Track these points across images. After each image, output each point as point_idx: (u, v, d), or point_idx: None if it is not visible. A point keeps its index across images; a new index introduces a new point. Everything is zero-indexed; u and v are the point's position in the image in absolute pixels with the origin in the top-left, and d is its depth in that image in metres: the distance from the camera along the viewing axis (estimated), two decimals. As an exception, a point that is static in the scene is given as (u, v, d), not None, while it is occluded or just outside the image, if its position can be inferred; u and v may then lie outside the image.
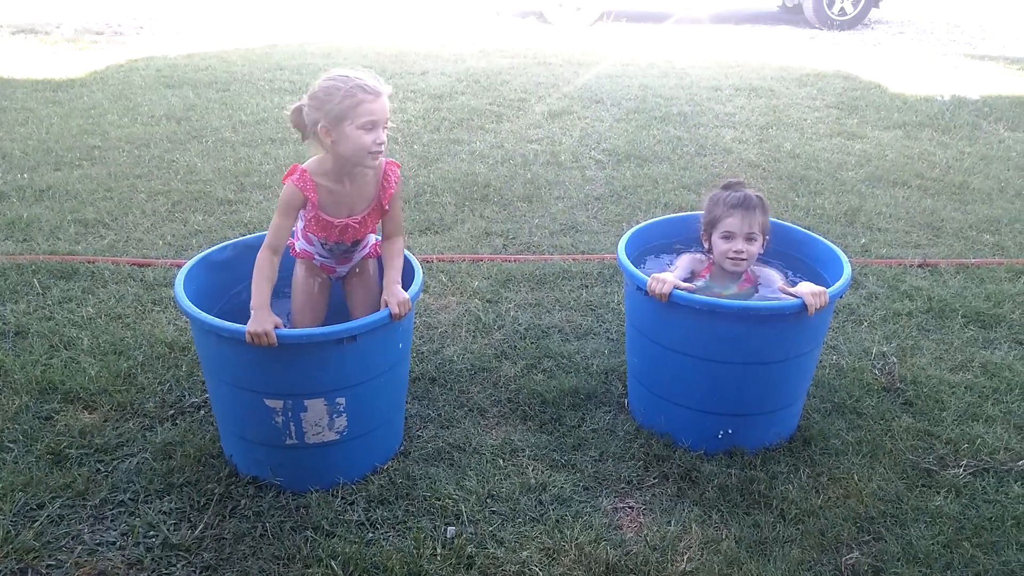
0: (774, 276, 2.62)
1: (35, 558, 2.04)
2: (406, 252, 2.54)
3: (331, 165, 2.32)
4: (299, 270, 2.54)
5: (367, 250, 2.57)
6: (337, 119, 2.20)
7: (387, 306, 2.23)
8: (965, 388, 2.88)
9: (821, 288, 2.33)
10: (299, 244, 2.52)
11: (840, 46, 10.31)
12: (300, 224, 2.47)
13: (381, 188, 2.41)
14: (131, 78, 7.16)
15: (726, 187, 2.65)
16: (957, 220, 4.46)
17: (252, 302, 2.19)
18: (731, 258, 2.58)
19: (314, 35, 9.92)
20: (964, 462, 2.50)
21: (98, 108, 6.15)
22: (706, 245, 2.67)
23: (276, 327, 2.09)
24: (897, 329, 3.26)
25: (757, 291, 2.60)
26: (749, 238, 2.57)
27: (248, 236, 2.69)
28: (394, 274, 2.38)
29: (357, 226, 2.42)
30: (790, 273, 2.76)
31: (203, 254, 2.53)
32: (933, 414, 2.73)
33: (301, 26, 10.67)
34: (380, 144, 2.25)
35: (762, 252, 2.64)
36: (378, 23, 11.20)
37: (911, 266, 3.82)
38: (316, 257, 2.52)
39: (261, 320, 2.11)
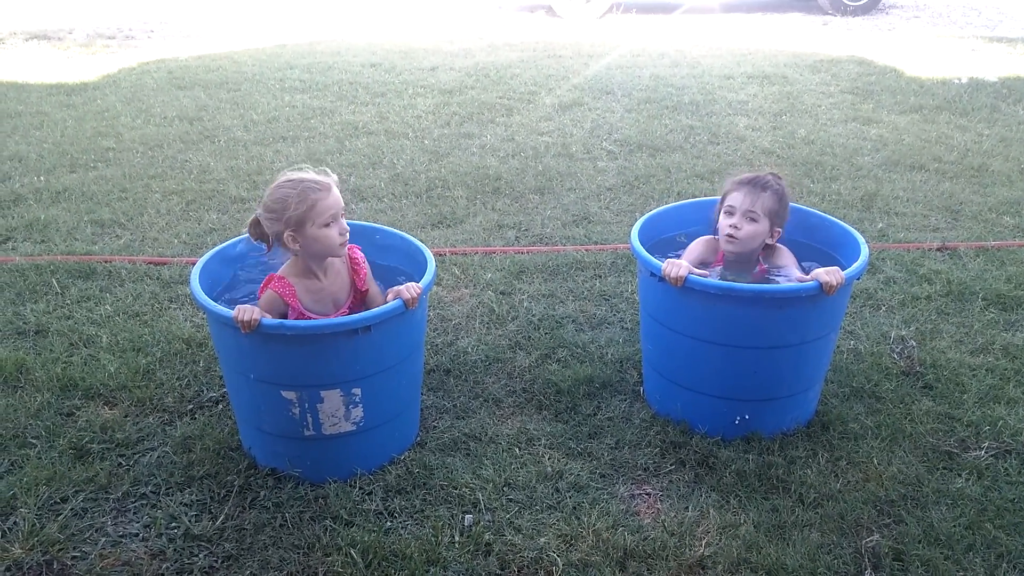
0: (788, 262, 2.59)
1: (60, 550, 2.07)
2: (419, 242, 2.56)
3: (303, 264, 2.37)
4: None
5: None
6: (298, 224, 2.25)
7: (398, 297, 2.21)
8: (986, 371, 2.85)
9: (834, 267, 2.31)
10: None
11: (854, 31, 10.21)
12: None
13: (353, 273, 2.45)
14: (143, 81, 7.21)
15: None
16: (976, 203, 4.41)
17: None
18: (726, 234, 2.54)
19: (323, 34, 9.95)
20: (986, 444, 2.47)
21: (111, 111, 6.20)
22: (717, 224, 2.65)
23: (263, 315, 2.11)
24: (916, 313, 3.23)
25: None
26: (749, 217, 2.52)
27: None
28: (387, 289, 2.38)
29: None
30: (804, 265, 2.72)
31: (217, 248, 2.55)
32: (954, 397, 2.70)
33: (310, 25, 10.71)
34: (345, 233, 2.32)
35: (772, 239, 2.60)
36: (386, 20, 11.21)
37: (930, 250, 3.78)
38: None
39: (251, 307, 2.12)
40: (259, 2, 12.66)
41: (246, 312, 2.08)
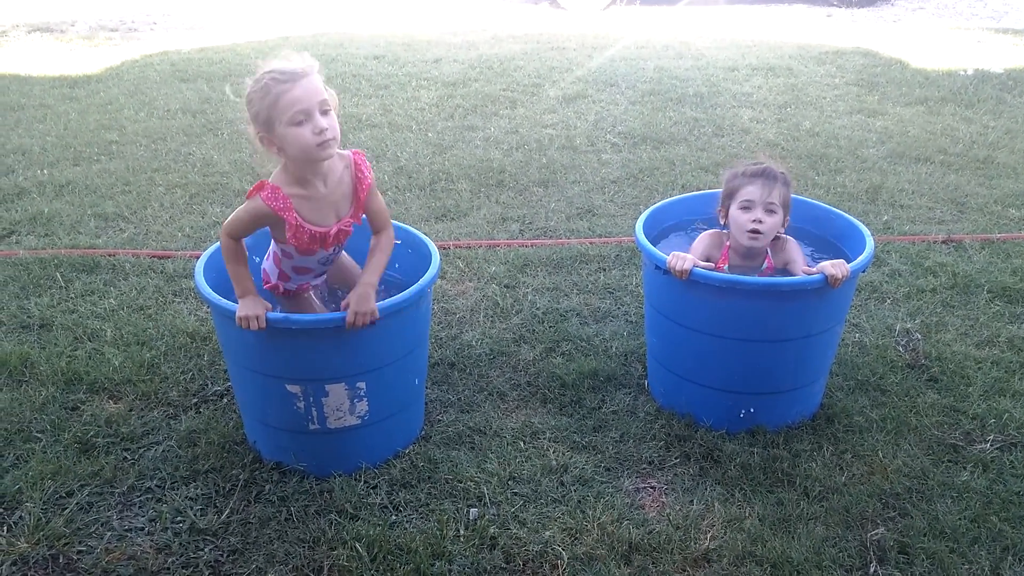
0: (796, 257, 2.57)
1: (66, 544, 2.08)
2: (423, 236, 2.54)
3: (294, 170, 2.11)
4: (295, 307, 2.42)
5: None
6: (267, 124, 2.02)
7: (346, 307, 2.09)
8: (992, 363, 2.84)
9: (840, 260, 2.30)
10: (290, 283, 2.39)
11: (859, 23, 10.16)
12: (281, 265, 2.34)
13: (356, 181, 2.21)
14: (146, 73, 7.20)
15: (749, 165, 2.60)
16: (982, 195, 4.39)
17: (236, 291, 2.14)
18: (749, 231, 2.48)
19: (326, 26, 9.92)
20: (991, 437, 2.47)
21: (114, 103, 6.19)
22: (723, 221, 2.63)
23: (266, 310, 2.09)
24: (921, 305, 3.22)
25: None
26: (768, 209, 2.49)
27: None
28: (370, 275, 2.19)
29: (348, 228, 2.26)
30: (812, 251, 2.72)
31: (222, 242, 2.54)
32: (959, 390, 2.69)
33: (313, 17, 10.68)
34: (322, 131, 2.00)
35: (782, 230, 2.59)
36: (389, 11, 11.17)
37: (935, 242, 3.77)
38: (313, 281, 2.42)
39: (251, 305, 2.08)
40: (261, -6, 12.62)
41: (252, 321, 2.05)
